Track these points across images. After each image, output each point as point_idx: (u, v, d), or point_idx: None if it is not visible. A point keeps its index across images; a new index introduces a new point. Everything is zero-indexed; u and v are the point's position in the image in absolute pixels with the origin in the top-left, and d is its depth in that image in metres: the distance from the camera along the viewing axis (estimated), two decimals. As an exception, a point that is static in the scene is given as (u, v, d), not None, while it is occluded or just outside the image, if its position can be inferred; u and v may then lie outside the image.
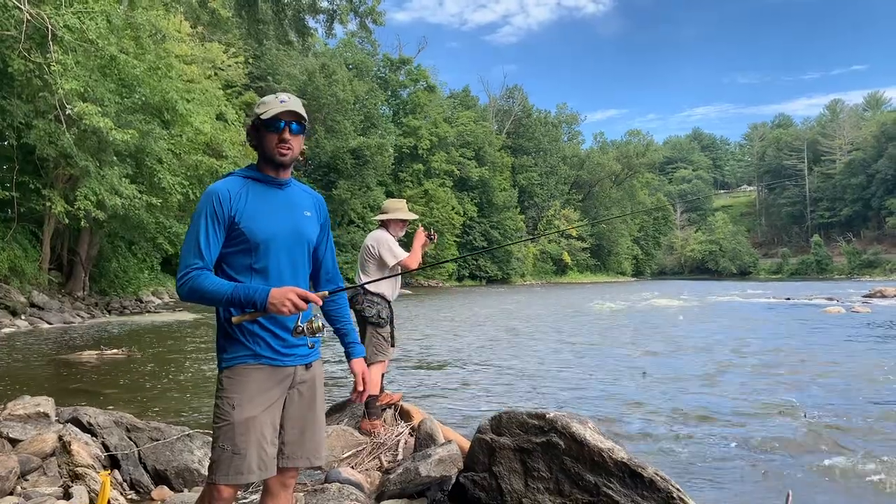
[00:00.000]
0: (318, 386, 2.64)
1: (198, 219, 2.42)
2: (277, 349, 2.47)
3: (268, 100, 2.56)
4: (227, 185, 2.48)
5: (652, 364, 10.94)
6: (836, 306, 23.78)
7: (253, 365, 2.45)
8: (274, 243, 2.48)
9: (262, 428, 2.41)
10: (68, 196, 18.28)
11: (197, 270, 2.35)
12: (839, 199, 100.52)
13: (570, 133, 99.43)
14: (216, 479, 2.40)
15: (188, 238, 2.42)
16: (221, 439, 2.39)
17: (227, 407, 2.40)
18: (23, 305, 18.35)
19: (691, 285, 56.98)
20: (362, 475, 4.40)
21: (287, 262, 2.53)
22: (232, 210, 2.43)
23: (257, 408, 2.42)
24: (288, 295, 2.34)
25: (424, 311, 25.57)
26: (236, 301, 2.33)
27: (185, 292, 2.37)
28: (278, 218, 2.52)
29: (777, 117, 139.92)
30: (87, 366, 10.71)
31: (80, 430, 4.71)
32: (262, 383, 2.44)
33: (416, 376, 9.95)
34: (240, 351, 2.45)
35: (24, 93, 16.49)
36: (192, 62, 24.16)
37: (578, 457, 3.87)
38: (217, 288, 2.34)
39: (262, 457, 2.41)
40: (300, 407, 2.55)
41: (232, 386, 2.42)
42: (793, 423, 6.58)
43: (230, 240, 2.44)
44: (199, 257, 2.37)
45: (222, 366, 2.47)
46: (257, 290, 2.34)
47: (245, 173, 2.56)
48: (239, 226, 2.43)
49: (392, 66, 70.79)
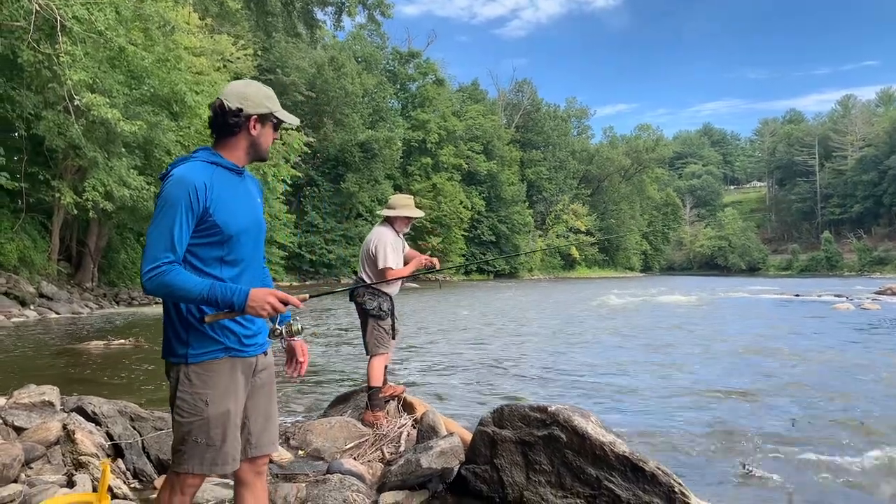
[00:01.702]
0: (273, 371, 2.66)
1: (170, 209, 2.29)
2: (243, 341, 2.47)
3: (273, 94, 2.54)
4: (200, 176, 2.35)
5: (657, 360, 10.91)
6: (846, 303, 23.63)
7: (223, 359, 2.41)
8: (245, 234, 2.46)
9: (234, 419, 2.42)
10: (77, 187, 18.35)
11: (168, 265, 2.25)
12: (850, 195, 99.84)
13: (579, 127, 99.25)
14: (190, 469, 2.39)
15: (159, 228, 2.28)
16: (195, 433, 2.37)
17: (198, 403, 2.37)
18: (32, 296, 18.45)
19: (700, 281, 56.80)
20: (364, 466, 4.41)
21: (252, 253, 2.53)
22: (207, 201, 2.33)
23: (229, 401, 2.41)
24: (268, 298, 2.30)
25: (430, 305, 25.57)
26: (213, 300, 2.26)
27: (152, 286, 2.25)
28: (246, 209, 2.48)
29: (788, 112, 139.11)
30: (93, 356, 10.76)
31: (84, 419, 4.73)
32: (231, 376, 2.43)
33: (421, 369, 9.95)
34: (210, 346, 2.40)
35: (33, 84, 16.54)
36: (201, 54, 24.11)
37: (580, 450, 3.86)
38: (192, 285, 2.25)
39: (235, 448, 2.44)
40: (263, 395, 2.58)
41: (202, 381, 2.38)
42: (802, 421, 6.54)
43: (200, 231, 2.35)
44: (172, 250, 2.27)
45: (189, 361, 2.38)
46: (236, 290, 2.28)
47: (209, 158, 2.44)
48: (212, 217, 2.34)
49: (401, 60, 70.66)
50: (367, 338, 5.21)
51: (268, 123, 2.50)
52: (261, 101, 2.47)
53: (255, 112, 2.46)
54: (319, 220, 50.54)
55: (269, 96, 2.50)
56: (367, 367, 5.24)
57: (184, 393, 2.37)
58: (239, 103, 2.44)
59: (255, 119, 2.46)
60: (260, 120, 2.47)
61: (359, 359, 10.46)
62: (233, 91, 2.48)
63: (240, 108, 2.44)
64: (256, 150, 2.51)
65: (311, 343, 12.57)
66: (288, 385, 8.27)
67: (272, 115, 2.49)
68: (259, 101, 2.47)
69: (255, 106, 2.45)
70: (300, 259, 47.37)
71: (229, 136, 2.47)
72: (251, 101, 2.46)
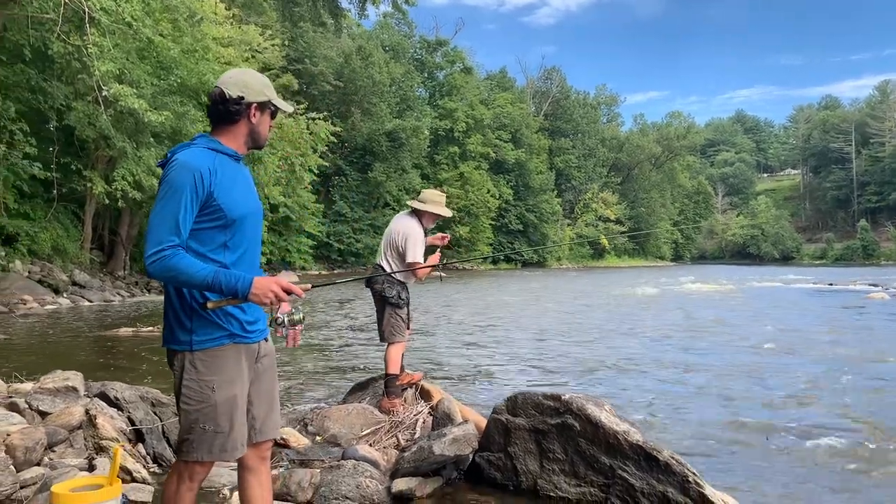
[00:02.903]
0: (273, 357, 2.69)
1: (176, 194, 2.30)
2: (246, 328, 2.48)
3: (268, 83, 2.57)
4: (205, 161, 2.37)
5: (678, 350, 10.79)
6: (881, 292, 23.15)
7: (228, 345, 2.43)
8: (247, 220, 2.48)
9: (241, 405, 2.45)
10: (108, 177, 18.64)
11: (173, 248, 2.28)
12: (888, 182, 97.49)
13: (609, 115, 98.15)
14: (199, 457, 2.40)
15: (163, 212, 2.30)
16: (202, 421, 2.38)
17: (205, 390, 2.38)
18: (65, 284, 18.82)
19: (732, 270, 56.01)
20: (379, 453, 4.42)
21: (254, 239, 2.55)
22: (211, 186, 2.35)
23: (236, 387, 2.43)
24: (271, 287, 2.31)
25: (455, 293, 25.56)
26: (216, 287, 2.28)
27: (156, 269, 2.28)
28: (247, 195, 2.52)
29: (824, 98, 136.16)
30: (122, 342, 10.94)
31: (106, 404, 4.80)
32: (236, 362, 2.45)
33: (440, 357, 9.95)
34: (215, 332, 2.41)
35: (63, 75, 16.82)
36: (229, 44, 24.29)
37: (593, 439, 3.83)
38: (195, 270, 2.27)
39: (243, 434, 2.46)
40: (265, 381, 2.60)
41: (209, 368, 2.40)
42: (821, 410, 6.42)
43: (204, 215, 2.36)
44: (176, 234, 2.29)
45: (193, 348, 2.40)
46: (240, 278, 2.30)
47: (209, 145, 2.46)
48: (216, 201, 2.36)
49: (428, 48, 70.36)
50: (383, 325, 5.23)
51: (266, 111, 2.54)
52: (260, 89, 2.51)
53: (256, 100, 2.49)
54: (347, 210, 50.75)
55: (267, 84, 2.55)
56: (385, 354, 5.26)
57: (189, 381, 2.39)
58: (240, 91, 2.46)
59: (255, 107, 2.50)
60: (260, 108, 2.51)
61: (379, 347, 10.50)
62: (232, 79, 2.50)
63: (241, 96, 2.46)
64: (255, 138, 2.55)
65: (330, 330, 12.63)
66: (309, 372, 8.33)
67: (270, 102, 2.53)
68: (259, 89, 2.50)
69: (256, 94, 2.49)
70: (328, 248, 47.64)
71: (229, 123, 2.50)
72: (251, 89, 2.49)
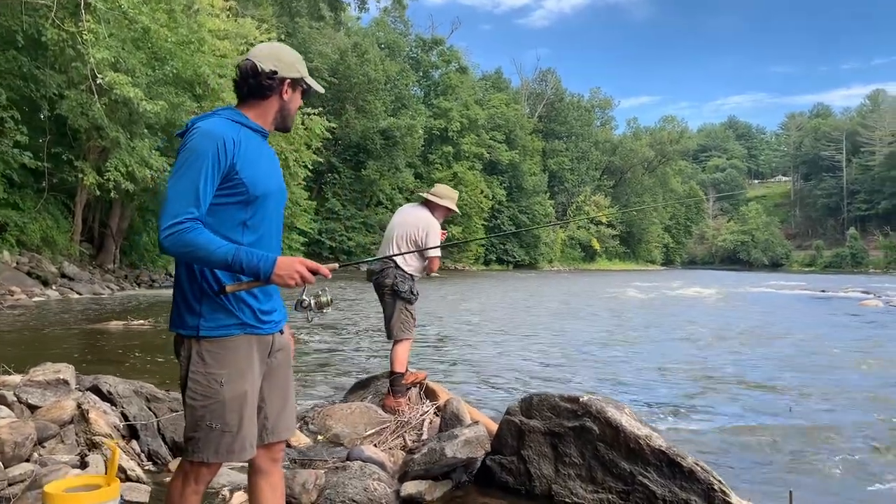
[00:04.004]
0: (289, 351, 2.48)
1: (197, 161, 2.11)
2: (259, 317, 2.28)
3: (302, 59, 2.43)
4: (229, 131, 2.19)
5: (690, 355, 10.68)
6: (874, 300, 23.17)
7: (239, 336, 2.23)
8: (270, 198, 2.31)
9: (252, 402, 2.24)
10: (100, 168, 18.35)
11: (192, 221, 2.07)
12: (877, 191, 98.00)
13: (602, 118, 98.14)
14: (205, 458, 2.22)
15: (183, 181, 2.10)
16: (209, 418, 2.19)
17: (213, 384, 2.18)
18: (54, 276, 18.57)
19: (722, 275, 56.14)
20: (385, 454, 4.25)
21: (276, 219, 2.38)
22: (234, 158, 2.17)
23: (246, 382, 2.23)
24: (296, 266, 2.15)
25: (451, 293, 25.42)
26: (236, 266, 2.09)
27: (171, 243, 2.07)
28: (271, 172, 2.34)
29: (815, 107, 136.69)
30: (112, 336, 10.73)
31: (99, 398, 4.62)
32: (248, 355, 2.25)
33: (441, 357, 9.80)
34: (226, 320, 2.21)
35: (56, 62, 16.52)
36: (224, 37, 24.02)
37: (613, 443, 3.67)
38: (215, 247, 2.07)
39: (253, 433, 2.26)
40: (279, 377, 2.39)
41: (217, 360, 2.19)
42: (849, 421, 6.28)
43: (224, 189, 2.17)
44: (196, 206, 2.10)
45: (200, 333, 2.20)
46: (262, 257, 2.11)
47: (235, 117, 2.28)
48: (238, 175, 2.18)
49: (424, 47, 70.17)
50: (392, 321, 5.05)
51: (298, 89, 2.39)
52: (293, 64, 2.36)
53: (289, 75, 2.34)
54: (340, 207, 50.54)
55: (300, 60, 2.41)
56: (391, 351, 5.09)
57: (196, 373, 2.19)
58: (273, 65, 2.30)
59: (288, 83, 2.35)
60: (292, 84, 2.36)
61: (378, 346, 10.34)
62: (264, 52, 2.34)
63: (274, 70, 2.30)
64: (284, 117, 2.39)
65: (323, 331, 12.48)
66: (307, 370, 8.16)
67: (303, 80, 2.38)
68: (292, 63, 2.36)
69: (289, 69, 2.33)
70: (320, 245, 47.42)
71: (259, 98, 2.33)
72: (284, 63, 2.33)
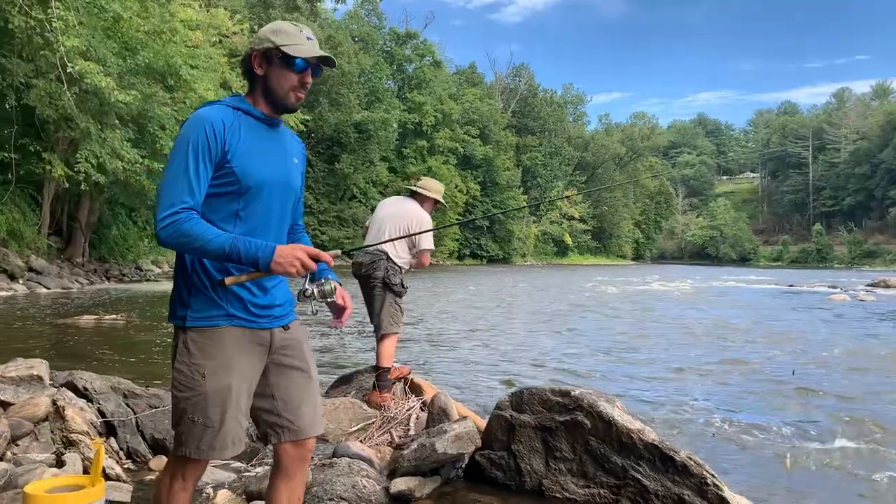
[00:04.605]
0: (307, 347, 2.34)
1: (186, 148, 2.03)
2: (251, 310, 2.16)
3: (289, 29, 2.18)
4: (220, 116, 2.09)
5: (672, 351, 10.74)
6: (842, 294, 23.57)
7: (225, 327, 2.13)
8: (266, 189, 2.16)
9: (237, 398, 2.12)
10: (69, 160, 17.94)
11: (187, 211, 1.99)
12: (842, 188, 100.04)
13: (575, 114, 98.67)
14: (187, 452, 2.12)
15: (176, 170, 2.03)
16: (191, 411, 2.10)
17: (195, 376, 2.09)
18: (21, 269, 18.15)
19: (691, 270, 56.77)
20: (372, 450, 4.18)
21: (276, 211, 2.23)
22: (226, 144, 2.07)
23: (230, 376, 2.11)
24: (296, 254, 2.03)
25: (427, 287, 25.35)
26: (234, 256, 1.99)
27: (167, 235, 1.99)
28: (272, 161, 2.19)
29: (783, 104, 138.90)
30: (84, 330, 10.49)
31: (75, 394, 4.47)
32: (236, 348, 2.14)
33: (422, 352, 9.74)
34: (211, 310, 2.12)
35: (24, 51, 16.09)
36: (196, 28, 23.64)
37: (605, 437, 3.64)
38: (212, 237, 1.98)
39: (236, 430, 2.14)
40: (293, 374, 2.26)
41: (201, 351, 2.10)
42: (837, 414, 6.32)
43: (217, 179, 2.08)
44: (191, 194, 2.02)
45: (187, 324, 2.12)
46: (261, 245, 2.02)
47: (236, 104, 2.18)
48: (230, 164, 2.08)
49: (398, 40, 69.81)
50: (381, 315, 4.96)
51: (275, 60, 2.15)
52: (265, 35, 2.16)
53: (258, 48, 2.17)
54: (313, 201, 50.15)
55: (276, 30, 2.17)
56: (378, 345, 5.00)
57: (181, 363, 2.11)
58: (250, 44, 2.20)
59: (257, 56, 2.17)
60: (264, 57, 2.17)
61: (361, 341, 10.25)
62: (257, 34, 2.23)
63: (250, 47, 2.18)
64: (270, 95, 2.19)
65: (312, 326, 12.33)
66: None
67: (276, 48, 2.13)
68: (264, 35, 2.17)
69: (259, 41, 2.17)
70: (293, 239, 47.00)
71: (250, 81, 2.22)
72: (258, 37, 2.19)
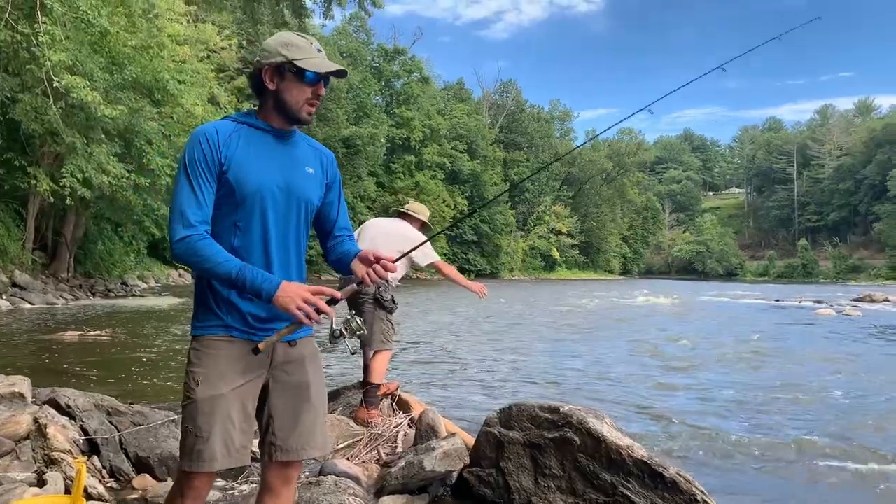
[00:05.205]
0: (311, 366, 2.28)
1: (185, 165, 2.08)
2: (251, 323, 2.14)
3: (299, 42, 2.16)
4: (215, 127, 2.13)
5: (658, 364, 10.74)
6: (827, 309, 23.70)
7: (222, 337, 2.13)
8: (260, 198, 2.13)
9: (228, 409, 2.09)
10: (54, 174, 17.80)
11: (200, 228, 2.04)
12: (827, 203, 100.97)
13: (562, 129, 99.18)
14: (182, 465, 2.13)
15: (179, 188, 2.07)
16: (186, 420, 2.11)
17: (191, 383, 2.11)
18: (4, 285, 17.95)
19: (679, 285, 56.98)
20: (359, 468, 4.13)
21: (275, 223, 2.17)
22: (221, 156, 2.08)
23: (224, 385, 2.10)
24: (301, 293, 1.99)
25: (414, 302, 25.29)
26: (240, 283, 2.00)
27: (181, 252, 2.03)
28: (270, 169, 2.16)
29: (768, 120, 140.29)
30: (68, 346, 10.37)
31: (57, 412, 4.40)
32: (232, 359, 2.13)
33: (409, 367, 9.69)
34: (210, 320, 2.14)
35: (10, 65, 15.99)
36: (184, 43, 23.65)
37: (594, 454, 3.62)
38: (221, 260, 2.00)
39: (226, 442, 2.09)
40: (289, 392, 2.22)
41: (198, 359, 2.13)
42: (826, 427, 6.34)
43: (219, 189, 2.11)
44: (198, 207, 2.05)
45: (193, 333, 2.18)
46: (267, 278, 2.01)
47: (238, 118, 2.21)
48: (226, 174, 2.09)
49: (386, 56, 70.11)
50: (373, 331, 4.90)
51: (287, 75, 2.14)
52: (275, 48, 2.15)
53: (268, 62, 2.15)
54: (301, 216, 49.93)
55: (286, 44, 2.15)
56: (371, 361, 4.96)
57: (186, 372, 2.15)
58: (259, 57, 2.19)
59: (268, 70, 2.16)
60: (276, 71, 2.15)
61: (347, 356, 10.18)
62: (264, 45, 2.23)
63: (259, 61, 2.18)
64: (282, 108, 2.17)
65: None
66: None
67: (289, 63, 2.12)
68: (273, 49, 2.15)
69: (269, 55, 2.15)
70: (280, 254, 46.80)
71: (259, 95, 2.21)
72: (267, 51, 2.17)
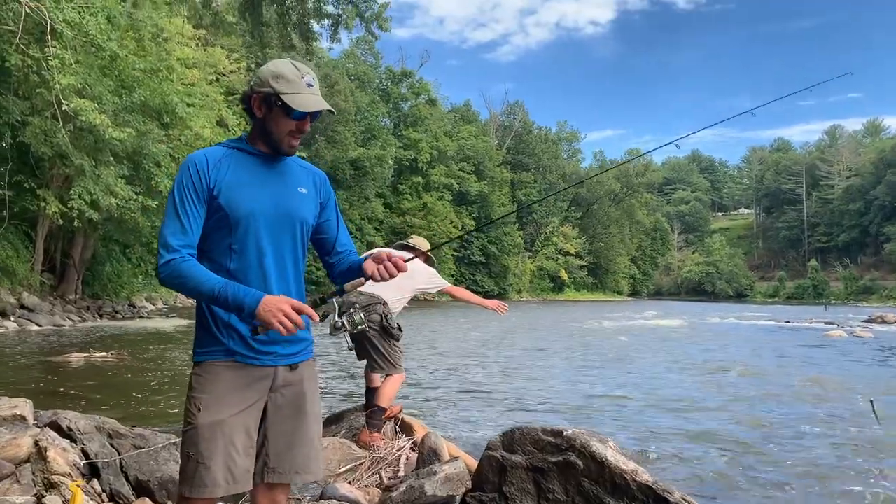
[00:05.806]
0: (309, 390, 2.28)
1: (174, 191, 2.12)
2: (252, 346, 2.15)
3: (290, 76, 2.15)
4: (205, 153, 2.17)
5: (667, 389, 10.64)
6: (838, 330, 23.48)
7: (223, 362, 2.14)
8: (254, 220, 2.15)
9: (231, 434, 2.09)
10: (63, 197, 17.94)
11: (183, 251, 2.07)
12: (837, 224, 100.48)
13: (569, 151, 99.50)
14: (182, 491, 2.10)
15: (168, 212, 2.12)
16: (186, 445, 2.10)
17: (192, 409, 2.11)
18: (12, 307, 18.02)
19: (689, 306, 56.69)
20: (361, 492, 4.08)
21: (270, 244, 2.19)
22: (210, 181, 2.11)
23: (226, 411, 2.10)
24: (280, 305, 1.99)
25: (420, 323, 25.23)
26: (222, 300, 2.02)
27: (165, 275, 2.07)
28: (262, 192, 2.18)
29: (776, 141, 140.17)
30: (74, 369, 10.37)
31: (58, 435, 4.37)
32: (233, 383, 2.13)
33: (413, 390, 9.62)
34: (212, 345, 2.15)
35: (20, 89, 16.20)
36: (193, 66, 23.89)
37: (598, 478, 3.56)
38: (204, 279, 2.03)
39: (230, 468, 2.08)
40: (285, 415, 2.22)
41: (200, 385, 2.13)
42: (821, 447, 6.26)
43: (211, 215, 2.13)
44: (183, 233, 2.08)
45: (195, 359, 2.18)
46: (249, 292, 2.02)
47: (230, 143, 2.24)
48: (217, 199, 2.11)
49: (394, 79, 70.72)
50: (386, 356, 5.02)
51: (274, 108, 2.15)
52: (266, 79, 2.15)
53: (258, 91, 2.17)
54: (308, 237, 50.09)
55: (277, 75, 2.15)
56: (382, 385, 5.05)
57: (187, 398, 2.15)
58: (251, 81, 2.21)
59: (256, 99, 2.18)
60: (263, 101, 2.17)
61: (351, 380, 10.15)
62: (260, 70, 2.25)
63: (251, 86, 2.19)
64: (268, 138, 2.20)
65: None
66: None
67: (276, 96, 2.13)
68: (265, 78, 2.16)
69: (260, 84, 2.17)
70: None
71: (252, 119, 2.25)
72: (259, 78, 2.18)
